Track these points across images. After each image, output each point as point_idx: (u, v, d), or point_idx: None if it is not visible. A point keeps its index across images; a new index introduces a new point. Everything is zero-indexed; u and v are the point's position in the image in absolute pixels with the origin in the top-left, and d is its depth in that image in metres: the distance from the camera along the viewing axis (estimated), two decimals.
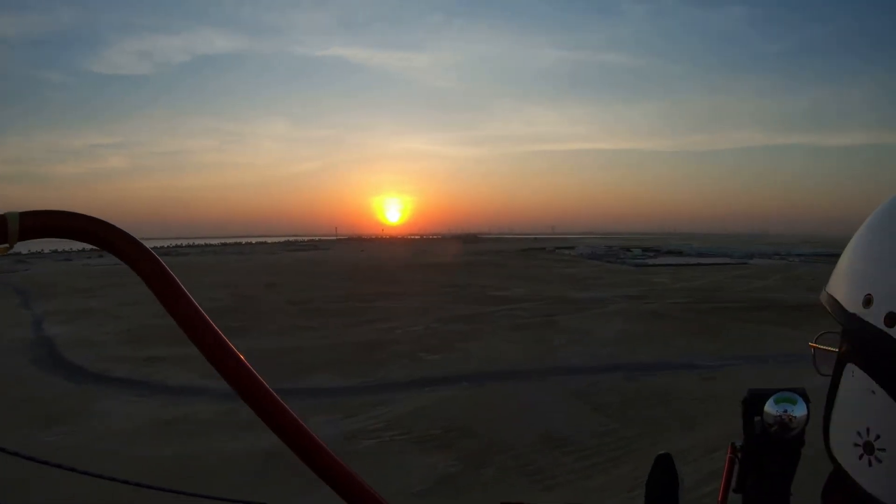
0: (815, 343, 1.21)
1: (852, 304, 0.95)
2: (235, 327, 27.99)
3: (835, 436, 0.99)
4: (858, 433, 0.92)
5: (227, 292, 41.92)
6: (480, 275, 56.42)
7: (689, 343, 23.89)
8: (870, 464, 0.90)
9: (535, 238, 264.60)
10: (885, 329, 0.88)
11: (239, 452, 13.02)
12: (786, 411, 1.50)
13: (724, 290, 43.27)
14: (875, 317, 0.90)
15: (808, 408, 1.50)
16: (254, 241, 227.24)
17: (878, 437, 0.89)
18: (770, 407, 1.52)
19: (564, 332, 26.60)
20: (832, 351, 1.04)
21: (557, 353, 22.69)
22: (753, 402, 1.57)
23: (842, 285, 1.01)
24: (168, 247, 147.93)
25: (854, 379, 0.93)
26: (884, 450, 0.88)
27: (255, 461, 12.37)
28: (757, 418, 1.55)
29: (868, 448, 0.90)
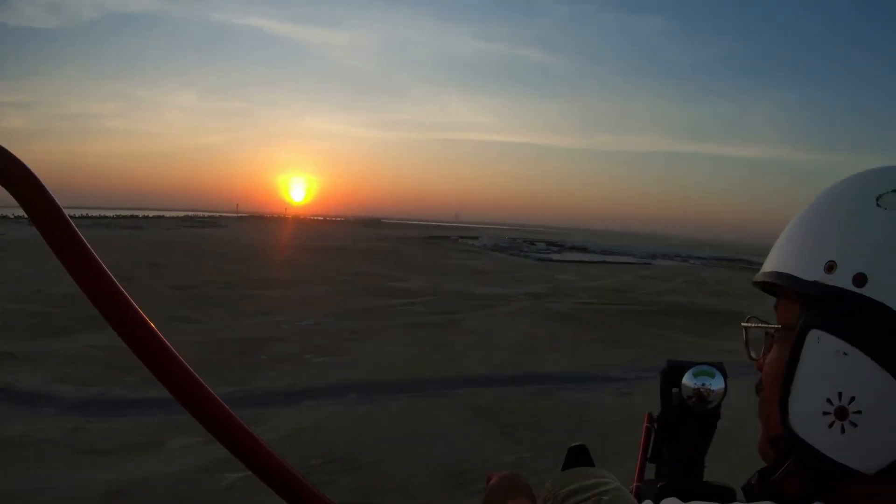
0: (748, 323, 1.12)
1: (812, 273, 0.96)
2: (100, 315, 24.88)
3: (796, 411, 0.95)
4: (828, 400, 0.90)
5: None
6: (380, 263, 53.90)
7: (600, 351, 22.28)
8: (842, 430, 0.89)
9: (439, 225, 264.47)
10: (855, 289, 0.89)
11: (77, 487, 10.48)
12: (704, 384, 1.65)
13: (631, 291, 42.37)
14: (842, 280, 0.91)
15: (725, 382, 1.67)
16: (151, 214, 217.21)
17: (852, 399, 0.88)
18: (688, 379, 1.67)
19: (466, 334, 24.61)
20: (772, 327, 1.05)
21: (459, 358, 20.60)
22: (672, 373, 1.72)
23: (795, 259, 1.01)
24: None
25: (820, 345, 0.92)
26: (859, 412, 0.87)
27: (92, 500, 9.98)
28: (675, 389, 1.70)
29: (840, 413, 0.89)
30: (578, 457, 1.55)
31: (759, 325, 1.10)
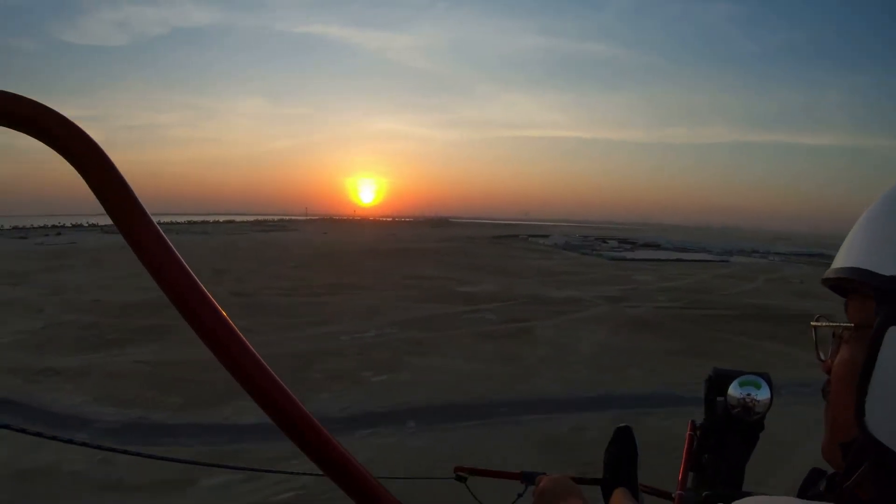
0: (817, 322, 1.09)
1: (890, 268, 0.92)
2: (157, 326, 24.05)
3: (873, 410, 0.89)
4: None
5: None
6: (448, 265, 52.30)
7: (684, 365, 20.05)
8: None
9: (508, 224, 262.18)
10: None
11: None
12: (749, 395, 1.63)
13: (711, 292, 39.70)
14: None
15: (771, 393, 1.64)
16: (222, 219, 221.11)
17: None
18: (734, 389, 1.65)
19: (539, 346, 22.69)
20: (845, 326, 0.99)
21: (530, 376, 18.71)
22: (718, 382, 1.70)
23: (870, 254, 0.96)
24: None
25: (892, 343, 0.87)
26: None
27: None
28: (720, 398, 1.68)
29: None
30: (623, 440, 1.73)
31: (831, 324, 1.06)
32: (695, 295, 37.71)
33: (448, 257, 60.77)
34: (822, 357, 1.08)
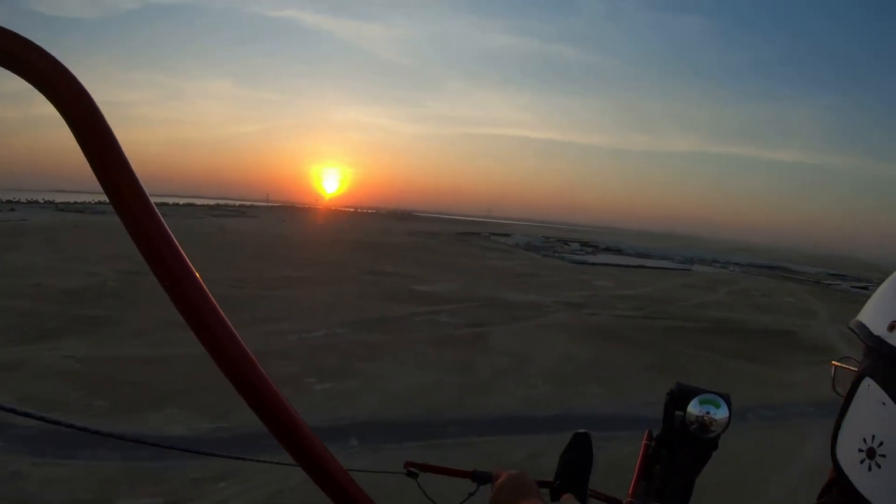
0: (837, 363, 1.29)
1: (878, 329, 1.10)
2: (97, 317, 22.63)
3: (842, 443, 1.13)
4: (864, 439, 1.07)
5: (114, 267, 35.02)
6: (408, 261, 51.08)
7: (649, 382, 19.13)
8: (869, 468, 1.06)
9: (471, 221, 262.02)
10: None
11: None
12: (708, 413, 1.68)
13: (673, 302, 39.12)
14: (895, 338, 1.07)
15: (729, 414, 1.69)
16: (182, 202, 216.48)
17: (881, 443, 1.04)
18: (693, 406, 1.69)
19: (496, 355, 21.61)
20: (852, 370, 1.18)
21: (486, 390, 17.63)
22: (679, 396, 1.74)
23: (872, 313, 1.15)
24: (82, 202, 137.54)
25: (869, 391, 1.09)
26: (884, 456, 1.04)
27: None
28: (678, 413, 1.73)
29: (870, 454, 1.06)
30: (580, 445, 1.76)
31: (844, 366, 1.24)
32: (657, 305, 37.06)
33: (408, 253, 59.53)
34: (840, 391, 1.20)
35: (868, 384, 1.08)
